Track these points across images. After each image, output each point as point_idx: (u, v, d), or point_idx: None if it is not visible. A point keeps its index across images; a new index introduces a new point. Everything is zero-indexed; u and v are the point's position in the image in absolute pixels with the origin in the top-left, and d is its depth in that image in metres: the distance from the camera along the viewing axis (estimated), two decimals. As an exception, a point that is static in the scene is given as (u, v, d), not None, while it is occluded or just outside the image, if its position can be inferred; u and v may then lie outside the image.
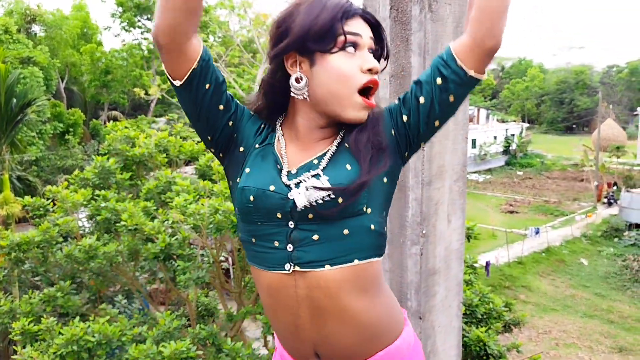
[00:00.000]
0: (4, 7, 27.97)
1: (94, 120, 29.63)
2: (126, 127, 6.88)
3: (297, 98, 1.22)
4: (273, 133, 1.27)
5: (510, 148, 43.25)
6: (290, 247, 1.17)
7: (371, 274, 1.20)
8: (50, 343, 4.44)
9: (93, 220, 5.70)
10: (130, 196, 6.07)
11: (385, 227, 1.25)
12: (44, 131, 21.86)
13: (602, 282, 19.78)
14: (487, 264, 18.02)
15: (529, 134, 48.55)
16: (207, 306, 6.13)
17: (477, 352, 4.64)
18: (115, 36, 42.43)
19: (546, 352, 14.13)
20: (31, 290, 5.38)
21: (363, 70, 1.17)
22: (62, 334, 4.27)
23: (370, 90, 1.19)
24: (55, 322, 4.71)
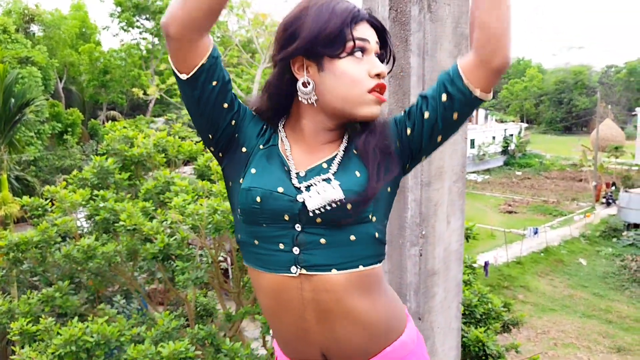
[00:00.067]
0: (2, 7, 27.94)
1: (92, 120, 29.61)
2: (125, 127, 6.87)
3: (303, 102, 1.21)
4: (275, 134, 1.26)
5: (509, 148, 43.28)
6: (296, 250, 1.16)
7: (374, 276, 1.22)
8: (48, 343, 4.44)
9: (91, 220, 5.70)
10: (129, 196, 6.06)
11: (385, 234, 1.27)
12: (42, 131, 21.82)
13: (600, 282, 19.80)
14: (486, 264, 18.05)
15: (527, 134, 48.58)
16: (206, 306, 6.13)
17: (476, 353, 4.65)
18: (114, 36, 42.49)
19: (545, 352, 14.15)
20: (29, 291, 5.37)
21: (371, 75, 1.18)
22: (61, 334, 4.27)
23: (381, 91, 1.20)
24: (54, 322, 4.70)
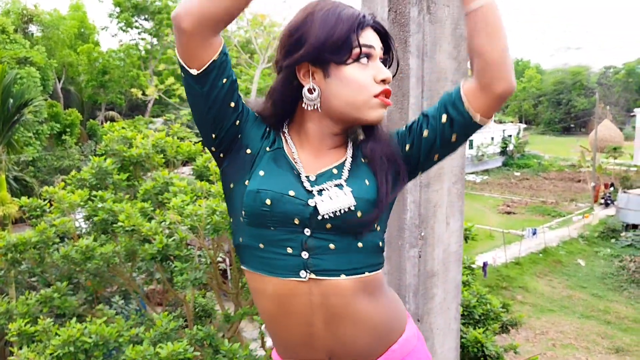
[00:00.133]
0: (0, 7, 27.93)
1: (91, 120, 29.61)
2: (123, 128, 6.86)
3: (309, 108, 1.21)
4: (279, 137, 1.25)
5: (508, 149, 43.30)
6: (305, 255, 1.16)
7: (378, 280, 1.25)
8: (46, 344, 4.43)
9: (90, 221, 5.69)
10: (128, 197, 6.05)
11: (384, 241, 1.30)
12: (40, 131, 21.81)
13: (599, 282, 19.81)
14: (485, 264, 18.05)
15: (526, 135, 48.62)
16: (205, 307, 6.13)
17: (475, 353, 4.64)
18: (113, 36, 42.56)
19: (543, 353, 14.15)
20: (28, 291, 5.36)
21: (377, 80, 1.18)
22: (59, 335, 4.26)
23: (386, 96, 1.21)
24: (52, 323, 4.70)
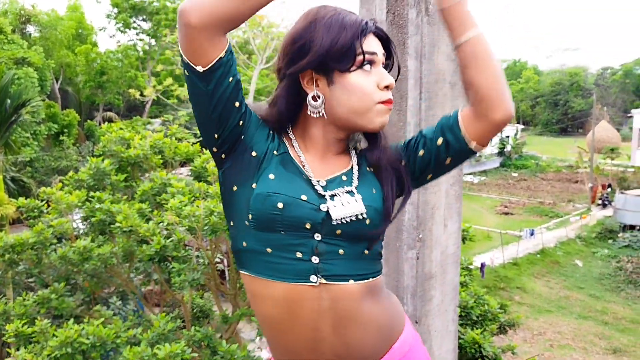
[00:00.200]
0: (-2, 7, 27.89)
1: (88, 121, 29.55)
2: (121, 129, 6.86)
3: (313, 116, 1.22)
4: (282, 141, 1.24)
5: (505, 150, 43.33)
6: (315, 259, 1.15)
7: (379, 283, 1.28)
8: (44, 345, 4.43)
9: (87, 221, 5.68)
10: (125, 198, 6.04)
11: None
12: (38, 132, 21.77)
13: (596, 283, 19.82)
14: (482, 265, 18.05)
15: (523, 136, 48.68)
16: (202, 308, 6.12)
17: (473, 354, 4.65)
18: (111, 37, 42.31)
19: (541, 354, 14.16)
20: (25, 292, 5.35)
21: (380, 87, 1.19)
22: (56, 336, 4.25)
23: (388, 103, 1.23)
24: (50, 324, 4.69)
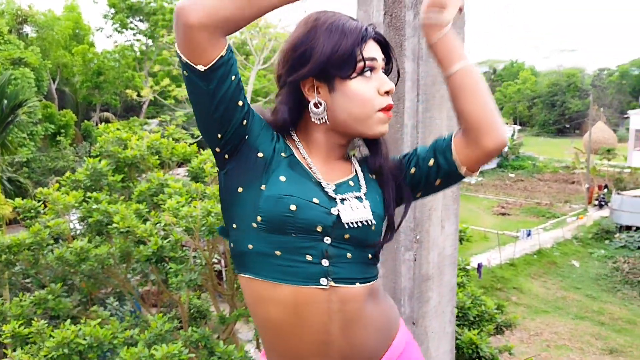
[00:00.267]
0: (-5, 8, 27.82)
1: (85, 121, 29.49)
2: (118, 129, 6.86)
3: (315, 122, 1.22)
4: (287, 143, 1.24)
5: (502, 150, 43.39)
6: (325, 262, 1.16)
7: (378, 285, 1.31)
8: (40, 346, 4.42)
9: (84, 222, 5.67)
10: (122, 198, 6.04)
11: None
12: (35, 132, 21.71)
13: (593, 283, 19.86)
14: (479, 265, 18.08)
15: (520, 137, 48.75)
16: (200, 308, 6.12)
17: (470, 355, 4.65)
18: (108, 37, 42.39)
19: (538, 354, 14.18)
20: (22, 293, 5.34)
21: (381, 92, 1.20)
22: (53, 337, 4.24)
23: (388, 109, 1.23)
24: (46, 324, 4.69)
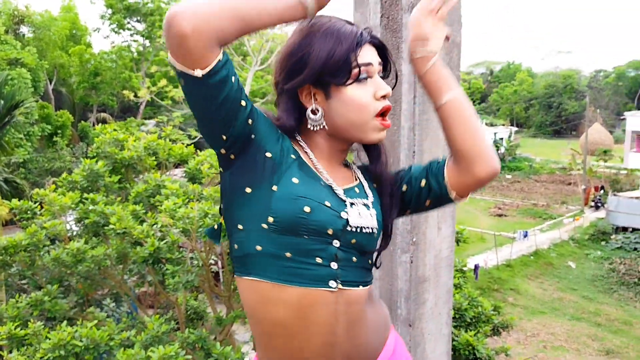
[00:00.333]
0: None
1: (82, 122, 29.43)
2: (115, 130, 6.85)
3: (314, 129, 1.23)
4: (293, 145, 1.23)
5: (499, 151, 43.47)
6: (334, 265, 1.17)
7: (372, 289, 1.34)
8: (37, 348, 4.41)
9: (81, 223, 5.67)
10: (119, 199, 6.03)
11: None
12: (31, 133, 21.67)
13: (589, 285, 19.90)
14: (476, 267, 18.09)
15: (517, 138, 48.87)
16: (196, 310, 6.12)
17: (466, 356, 4.67)
18: (105, 38, 42.42)
19: (534, 355, 14.20)
20: (18, 294, 5.33)
21: (377, 97, 1.19)
22: (49, 339, 4.24)
23: (386, 114, 1.23)
24: (43, 326, 4.68)
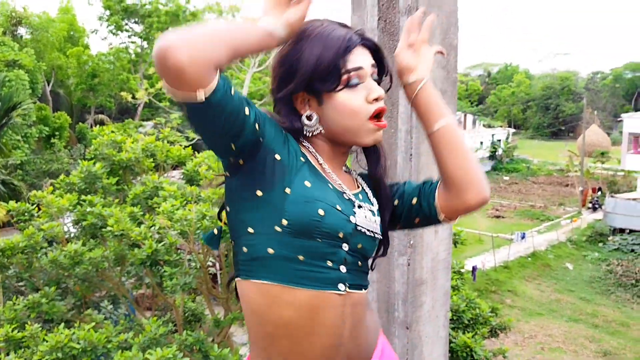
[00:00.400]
0: (-11, 9, 27.72)
1: (80, 123, 29.40)
2: (113, 132, 6.85)
3: (310, 135, 1.23)
4: (299, 147, 1.21)
5: (497, 153, 43.52)
6: (343, 269, 1.18)
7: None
8: (34, 350, 4.40)
9: (79, 225, 5.66)
10: (117, 201, 6.03)
11: None
12: (29, 135, 21.66)
13: (586, 286, 19.94)
14: (474, 268, 18.10)
15: (515, 139, 48.95)
16: (194, 312, 6.11)
17: (464, 358, 4.67)
18: (103, 39, 42.22)
19: (532, 357, 14.22)
20: (15, 296, 5.32)
21: (369, 100, 1.18)
22: (47, 341, 4.23)
23: (380, 115, 1.21)
24: (40, 328, 4.67)
